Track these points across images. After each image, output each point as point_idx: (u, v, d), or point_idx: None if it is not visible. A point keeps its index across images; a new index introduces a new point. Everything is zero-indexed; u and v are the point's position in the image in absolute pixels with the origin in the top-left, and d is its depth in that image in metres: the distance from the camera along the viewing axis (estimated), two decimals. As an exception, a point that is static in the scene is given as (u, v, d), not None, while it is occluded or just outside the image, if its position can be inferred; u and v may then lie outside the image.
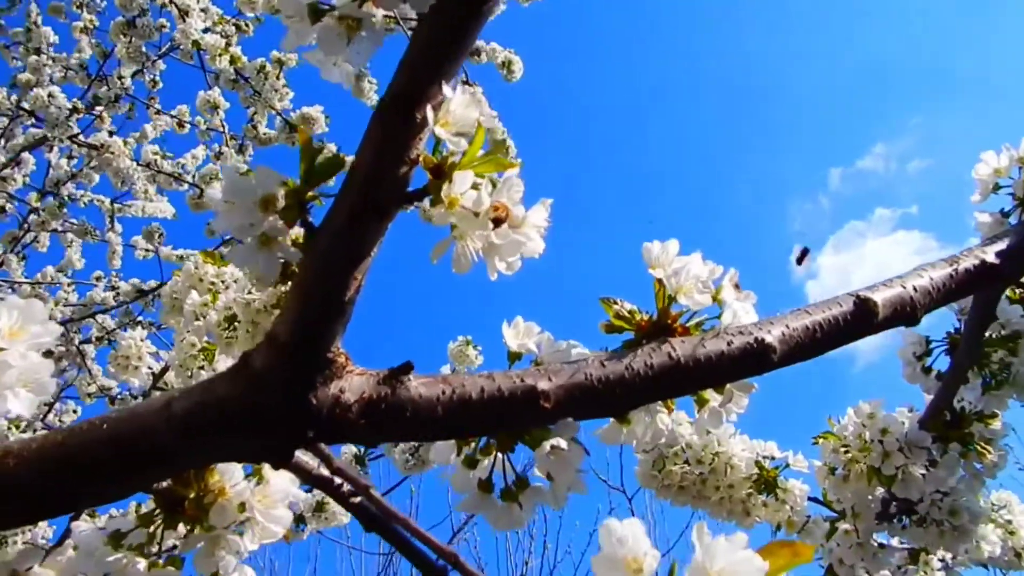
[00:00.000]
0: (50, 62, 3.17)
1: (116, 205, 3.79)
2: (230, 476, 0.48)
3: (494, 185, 0.44)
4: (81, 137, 2.92)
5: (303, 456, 0.48)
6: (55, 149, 3.66)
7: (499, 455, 0.52)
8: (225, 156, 3.10)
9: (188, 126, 3.63)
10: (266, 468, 0.50)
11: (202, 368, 1.22)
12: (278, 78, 2.80)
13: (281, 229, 0.41)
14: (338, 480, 0.48)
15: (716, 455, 1.07)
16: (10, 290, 3.11)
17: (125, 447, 0.43)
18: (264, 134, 3.01)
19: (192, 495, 0.47)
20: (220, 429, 0.44)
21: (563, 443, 0.45)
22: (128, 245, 3.87)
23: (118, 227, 3.81)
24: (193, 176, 3.31)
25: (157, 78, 3.75)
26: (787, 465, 1.12)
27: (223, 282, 1.22)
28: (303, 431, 0.43)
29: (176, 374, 1.18)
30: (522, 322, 0.50)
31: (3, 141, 3.21)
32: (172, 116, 3.56)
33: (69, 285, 3.56)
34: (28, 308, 0.41)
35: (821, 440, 0.98)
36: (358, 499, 0.47)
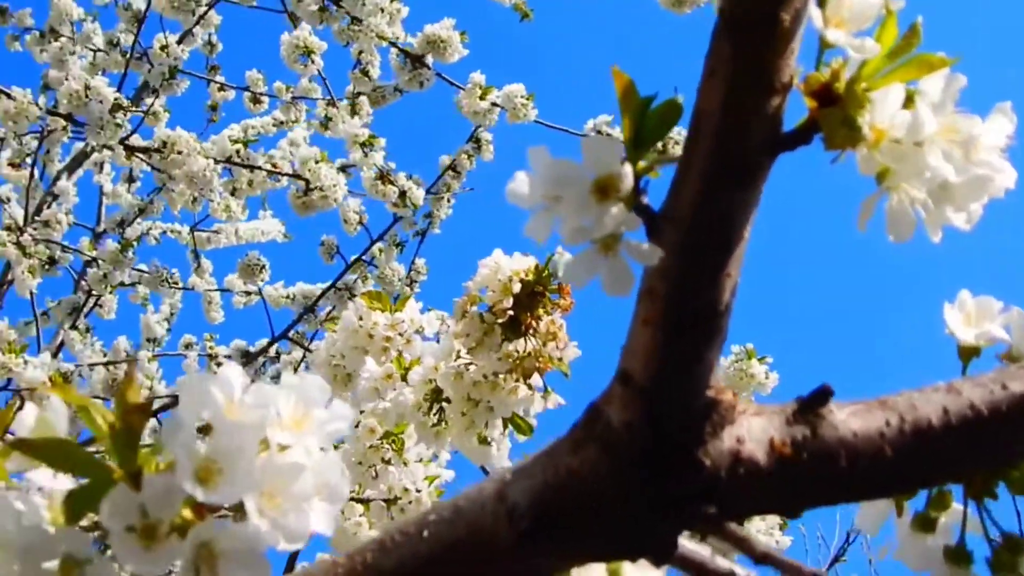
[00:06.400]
0: (75, 46, 3.31)
1: (199, 234, 3.85)
2: None
3: (910, 99, 0.42)
4: (137, 140, 3.02)
5: (686, 543, 0.47)
6: (105, 168, 3.79)
7: (966, 507, 0.49)
8: (335, 121, 3.10)
9: (266, 100, 3.67)
10: (627, 568, 0.51)
11: (388, 462, 1.25)
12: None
13: (630, 220, 0.41)
14: (741, 574, 0.47)
15: None
16: (80, 377, 3.29)
17: (454, 563, 0.45)
18: (380, 90, 2.92)
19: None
20: (578, 519, 0.44)
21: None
22: (221, 290, 3.95)
23: (206, 264, 3.86)
24: (293, 167, 3.27)
25: (213, 38, 3.78)
26: None
27: (402, 335, 1.24)
28: (696, 507, 0.43)
29: (349, 472, 1.22)
30: (970, 299, 0.48)
31: (39, 169, 3.39)
32: (244, 89, 3.60)
33: (151, 360, 3.70)
34: (305, 388, 0.43)
35: None
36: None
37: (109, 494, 0.43)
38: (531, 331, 1.01)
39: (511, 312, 0.99)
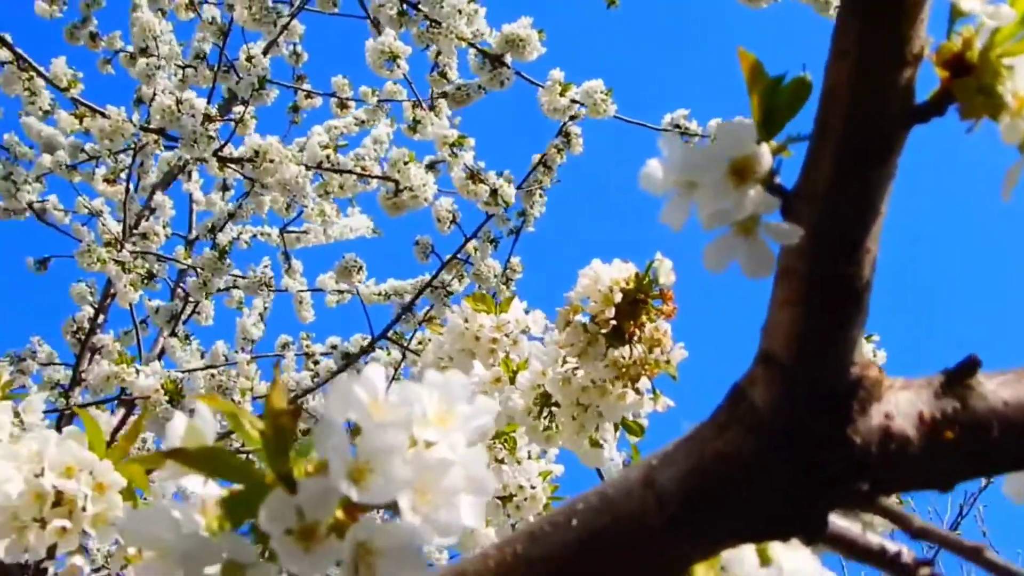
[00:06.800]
0: (161, 61, 3.37)
1: (288, 235, 3.89)
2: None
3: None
4: (230, 150, 3.07)
5: (837, 520, 0.47)
6: (194, 176, 3.87)
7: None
8: (424, 121, 3.15)
9: (352, 105, 3.73)
10: (777, 549, 0.51)
11: (502, 461, 1.26)
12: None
13: (768, 201, 0.41)
14: (892, 549, 0.47)
15: None
16: (187, 381, 3.35)
17: (603, 551, 0.45)
18: (464, 88, 2.99)
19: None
20: (725, 502, 0.45)
21: None
22: (314, 289, 3.99)
23: (296, 265, 3.90)
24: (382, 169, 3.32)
25: (299, 48, 3.84)
26: None
27: (508, 336, 1.25)
28: (849, 484, 0.43)
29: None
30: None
31: (133, 183, 3.45)
32: (331, 95, 3.66)
33: (249, 363, 3.72)
34: (448, 385, 0.44)
35: None
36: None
37: (267, 499, 0.44)
38: (635, 338, 1.01)
39: (614, 321, 1.00)
